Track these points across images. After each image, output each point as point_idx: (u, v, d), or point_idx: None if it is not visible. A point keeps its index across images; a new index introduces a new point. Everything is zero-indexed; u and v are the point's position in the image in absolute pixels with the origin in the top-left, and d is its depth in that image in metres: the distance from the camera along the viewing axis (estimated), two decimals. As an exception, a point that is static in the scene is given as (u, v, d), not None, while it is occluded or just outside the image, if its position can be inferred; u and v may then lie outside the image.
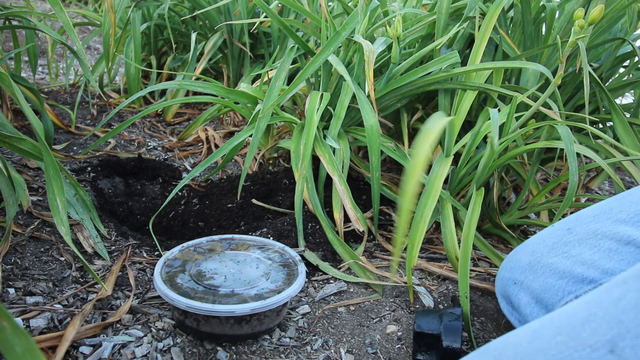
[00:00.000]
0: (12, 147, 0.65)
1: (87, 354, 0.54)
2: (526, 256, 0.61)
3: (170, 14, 1.48)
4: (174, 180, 1.01)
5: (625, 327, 0.30)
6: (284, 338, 0.62)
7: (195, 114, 1.42)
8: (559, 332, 0.33)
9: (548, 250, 0.59)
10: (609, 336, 0.30)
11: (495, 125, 0.70)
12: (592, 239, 0.56)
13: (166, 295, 0.56)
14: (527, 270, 0.59)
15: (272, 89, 0.85)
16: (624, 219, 0.55)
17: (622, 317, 0.31)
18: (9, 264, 0.65)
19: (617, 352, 0.29)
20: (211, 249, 0.66)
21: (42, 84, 1.49)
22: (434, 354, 0.60)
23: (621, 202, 0.57)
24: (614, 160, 0.84)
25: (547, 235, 0.61)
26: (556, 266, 0.56)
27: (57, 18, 1.00)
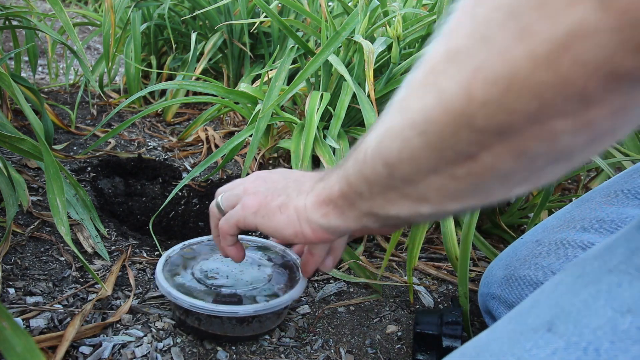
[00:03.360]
0: (12, 147, 0.65)
1: (87, 354, 0.54)
2: (501, 270, 0.63)
3: (170, 14, 1.48)
4: (174, 180, 1.01)
5: (561, 307, 0.32)
6: (284, 338, 0.62)
7: (195, 114, 1.42)
8: (510, 321, 0.36)
9: (520, 263, 0.61)
10: (548, 317, 0.33)
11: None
12: (559, 249, 0.59)
13: (169, 294, 0.55)
14: (503, 285, 0.62)
15: (272, 89, 0.85)
16: (586, 226, 0.58)
17: (560, 299, 0.33)
18: (9, 264, 0.65)
19: (553, 330, 0.31)
20: (212, 249, 0.66)
21: (42, 84, 1.49)
22: (434, 354, 0.60)
23: (582, 210, 0.60)
24: (614, 161, 0.84)
25: (518, 249, 0.64)
26: (530, 278, 0.59)
27: (57, 18, 1.00)
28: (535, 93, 0.23)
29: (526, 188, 0.30)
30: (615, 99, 0.23)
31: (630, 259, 0.31)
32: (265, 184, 0.51)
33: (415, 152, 0.30)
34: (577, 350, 0.30)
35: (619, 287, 0.30)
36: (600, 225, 0.58)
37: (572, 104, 0.23)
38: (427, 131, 0.29)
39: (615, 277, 0.31)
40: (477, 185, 0.30)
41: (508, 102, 0.24)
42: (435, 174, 0.30)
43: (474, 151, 0.28)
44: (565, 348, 0.30)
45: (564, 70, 0.22)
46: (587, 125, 0.24)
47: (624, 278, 0.31)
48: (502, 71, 0.24)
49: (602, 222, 0.58)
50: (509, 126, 0.25)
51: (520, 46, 0.23)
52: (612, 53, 0.21)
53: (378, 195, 0.36)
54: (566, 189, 1.16)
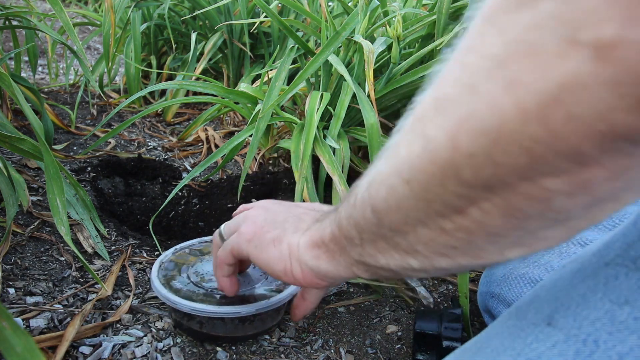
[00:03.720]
0: (12, 147, 0.65)
1: (87, 354, 0.54)
2: (500, 269, 0.63)
3: (170, 14, 1.48)
4: (174, 180, 1.01)
5: (561, 302, 0.33)
6: (284, 338, 0.62)
7: (195, 114, 1.42)
8: (510, 316, 0.36)
9: (519, 261, 0.61)
10: (548, 312, 0.33)
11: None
12: (558, 246, 0.58)
13: (167, 299, 0.55)
14: (502, 283, 0.62)
15: (272, 89, 0.85)
16: None
17: (559, 294, 0.33)
18: (9, 264, 0.65)
19: (553, 324, 0.32)
20: (205, 250, 0.66)
21: (42, 84, 1.49)
22: (434, 354, 0.60)
23: None
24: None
25: None
26: (528, 276, 0.59)
27: (57, 18, 1.00)
28: (524, 148, 0.22)
29: (521, 252, 0.28)
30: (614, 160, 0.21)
31: (627, 252, 0.31)
32: (266, 214, 0.50)
33: (401, 201, 0.29)
34: (576, 342, 0.30)
35: (616, 280, 0.31)
36: (599, 223, 0.58)
37: (565, 162, 0.22)
38: (412, 180, 0.28)
39: (612, 270, 0.31)
40: (467, 242, 0.28)
41: (496, 155, 0.23)
42: (423, 225, 0.29)
43: (461, 205, 0.26)
44: (565, 340, 0.31)
45: (556, 125, 0.21)
46: (583, 187, 0.23)
47: (620, 270, 0.31)
48: (489, 122, 0.22)
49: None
50: (497, 181, 0.24)
51: (509, 97, 0.21)
52: (609, 109, 0.19)
53: (368, 242, 0.35)
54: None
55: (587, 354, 0.30)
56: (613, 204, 0.25)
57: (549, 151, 0.22)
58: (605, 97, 0.19)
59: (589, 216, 0.25)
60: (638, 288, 0.30)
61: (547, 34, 0.20)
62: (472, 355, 0.36)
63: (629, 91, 0.19)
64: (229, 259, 0.51)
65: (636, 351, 0.28)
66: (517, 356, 0.32)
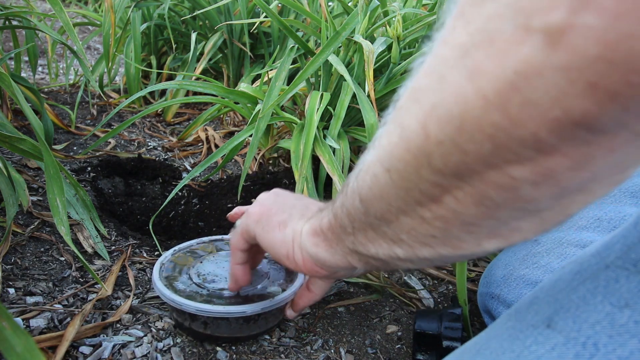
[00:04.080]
0: (12, 147, 0.65)
1: (87, 354, 0.54)
2: (500, 270, 0.64)
3: (170, 14, 1.48)
4: (174, 180, 1.01)
5: (560, 304, 0.33)
6: (284, 338, 0.62)
7: (195, 114, 1.42)
8: (510, 318, 0.36)
9: (519, 262, 0.62)
10: (548, 314, 0.33)
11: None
12: (558, 247, 0.59)
13: (172, 300, 0.55)
14: (502, 284, 0.62)
15: (272, 89, 0.85)
16: (584, 225, 0.58)
17: (558, 296, 0.33)
18: (9, 264, 0.65)
19: (552, 326, 0.32)
20: (204, 251, 0.66)
21: (42, 84, 1.49)
22: (434, 354, 0.60)
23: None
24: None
25: (517, 248, 0.64)
26: (528, 277, 0.59)
27: (57, 18, 1.00)
28: (487, 135, 0.22)
29: (497, 243, 0.29)
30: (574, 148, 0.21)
31: (627, 254, 0.31)
32: (276, 198, 0.51)
33: (383, 189, 0.30)
34: (576, 345, 0.30)
35: (616, 283, 0.31)
36: (599, 224, 0.58)
37: (526, 149, 0.22)
38: (391, 169, 0.29)
39: (612, 273, 0.31)
40: (445, 231, 0.29)
41: (462, 143, 0.23)
42: (405, 214, 0.30)
43: (436, 193, 0.27)
44: (564, 343, 0.31)
45: (514, 112, 0.21)
46: (547, 176, 0.23)
47: (621, 273, 0.31)
48: (454, 110, 0.23)
49: (600, 221, 0.58)
50: (465, 168, 0.24)
51: (472, 85, 0.22)
52: (562, 95, 0.20)
53: (359, 231, 0.36)
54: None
55: (587, 357, 0.29)
56: (583, 195, 0.25)
57: (510, 138, 0.22)
58: (558, 83, 0.19)
59: (560, 208, 0.25)
60: (638, 291, 0.30)
61: (505, 22, 0.20)
62: (472, 357, 0.36)
63: (579, 76, 0.19)
64: (240, 243, 0.51)
65: (636, 355, 0.28)
66: (516, 358, 0.32)
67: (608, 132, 0.20)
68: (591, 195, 0.25)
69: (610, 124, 0.20)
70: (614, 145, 0.21)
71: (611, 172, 0.24)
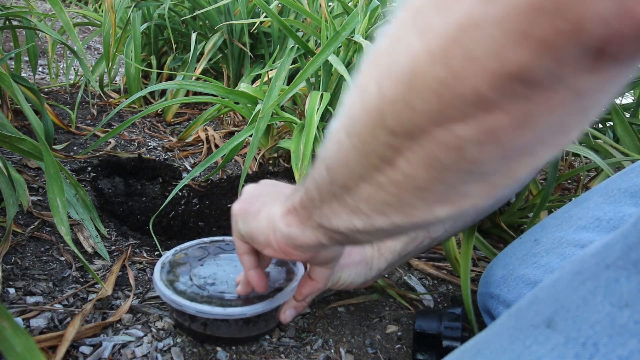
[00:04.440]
0: (12, 147, 0.65)
1: (87, 354, 0.54)
2: (500, 270, 0.64)
3: (170, 14, 1.48)
4: (174, 180, 1.01)
5: (560, 304, 0.33)
6: (284, 338, 0.62)
7: (195, 114, 1.42)
8: (510, 318, 0.36)
9: (519, 262, 0.62)
10: (548, 314, 0.33)
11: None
12: (557, 247, 0.59)
13: (173, 301, 0.55)
14: (501, 284, 0.62)
15: (272, 89, 0.85)
16: (584, 225, 0.59)
17: (558, 296, 0.34)
18: (9, 264, 0.65)
19: (552, 326, 0.32)
20: (204, 252, 0.66)
21: (42, 84, 1.50)
22: (434, 354, 0.60)
23: (580, 209, 0.61)
24: (613, 161, 0.84)
25: (517, 248, 0.65)
26: (528, 277, 0.60)
27: (57, 18, 1.00)
28: (434, 91, 0.23)
29: (448, 210, 0.29)
30: (513, 104, 0.22)
31: (628, 254, 0.31)
32: (254, 190, 0.51)
33: (345, 154, 0.31)
34: (576, 346, 0.30)
35: (616, 283, 0.31)
36: (598, 224, 0.58)
37: (468, 106, 0.22)
38: (351, 132, 0.29)
39: (612, 273, 0.31)
40: (398, 197, 0.29)
41: (412, 100, 0.24)
42: (364, 181, 0.30)
43: (390, 156, 0.27)
44: (564, 343, 0.31)
45: (457, 66, 0.21)
46: (490, 135, 0.23)
47: (621, 273, 0.31)
48: (406, 67, 0.24)
49: (600, 221, 0.58)
50: (415, 127, 0.25)
51: (421, 42, 0.23)
52: (499, 47, 0.20)
53: (324, 203, 0.36)
54: (566, 189, 1.16)
55: (587, 357, 0.29)
56: (529, 158, 0.25)
57: (453, 94, 0.22)
58: (494, 35, 0.20)
59: (507, 171, 0.26)
60: (639, 291, 0.30)
61: None
62: (472, 356, 0.36)
63: (512, 26, 0.19)
64: (240, 247, 0.51)
65: (636, 355, 0.28)
66: (516, 358, 0.32)
67: (544, 87, 0.21)
68: (536, 158, 0.25)
69: (545, 77, 0.20)
70: (552, 103, 0.22)
71: (554, 134, 0.24)
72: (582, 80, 0.21)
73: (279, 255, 0.45)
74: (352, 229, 0.35)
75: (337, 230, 0.36)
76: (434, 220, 0.30)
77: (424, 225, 0.31)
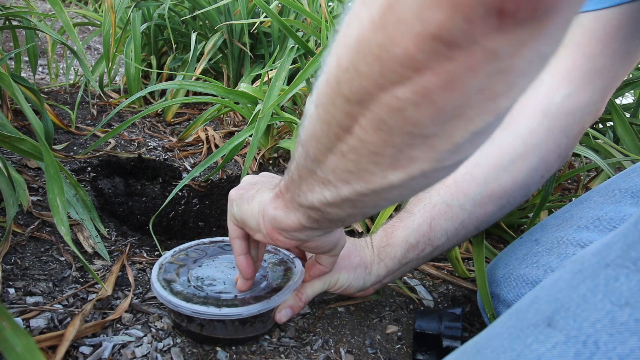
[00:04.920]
0: (12, 147, 0.65)
1: (87, 354, 0.54)
2: (500, 270, 0.64)
3: (170, 14, 1.48)
4: (174, 180, 1.01)
5: (561, 303, 0.33)
6: (284, 338, 0.62)
7: (195, 114, 1.42)
8: (510, 317, 0.36)
9: (519, 262, 0.62)
10: (548, 313, 0.33)
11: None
12: (558, 247, 0.59)
13: (169, 302, 0.55)
14: (502, 284, 0.63)
15: (272, 89, 0.85)
16: (584, 225, 0.59)
17: (559, 295, 0.34)
18: (9, 264, 0.65)
19: (553, 325, 0.32)
20: (203, 253, 0.65)
21: (42, 84, 1.50)
22: (434, 354, 0.60)
23: (580, 209, 0.61)
24: (614, 161, 0.84)
25: (517, 248, 0.65)
26: (528, 276, 0.60)
27: (57, 18, 1.00)
28: (375, 55, 0.25)
29: (400, 174, 0.31)
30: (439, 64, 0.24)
31: (627, 253, 0.31)
32: (252, 179, 0.55)
33: (315, 127, 0.34)
34: (576, 344, 0.30)
35: (616, 281, 0.31)
36: (599, 224, 0.58)
37: (403, 68, 0.25)
38: (318, 104, 0.32)
39: (612, 271, 0.32)
40: (357, 163, 0.32)
41: (359, 66, 0.27)
42: (330, 151, 0.33)
43: (348, 123, 0.30)
44: (565, 342, 0.31)
45: (391, 30, 0.24)
46: (424, 95, 0.26)
47: (621, 272, 0.31)
48: (355, 36, 0.27)
49: (601, 221, 0.58)
50: (364, 92, 0.27)
51: (366, 11, 0.26)
52: (421, 9, 0.23)
53: (303, 180, 0.39)
54: (566, 189, 1.16)
55: (587, 356, 0.30)
56: (462, 121, 0.27)
57: (390, 57, 0.25)
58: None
59: (445, 134, 0.28)
60: (639, 290, 0.30)
61: None
62: (472, 356, 0.36)
63: None
64: (232, 230, 0.54)
65: (637, 353, 0.28)
66: (516, 357, 0.32)
67: (462, 47, 0.23)
68: (470, 122, 0.27)
69: (460, 36, 0.23)
70: (472, 64, 0.24)
71: (481, 98, 0.26)
72: (492, 40, 0.23)
73: (267, 240, 0.48)
74: (324, 202, 0.38)
75: (312, 206, 0.39)
76: (388, 186, 0.33)
77: (381, 191, 0.33)
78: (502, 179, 0.58)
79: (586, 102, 0.58)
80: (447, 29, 0.22)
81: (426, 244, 0.61)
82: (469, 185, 0.59)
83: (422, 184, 0.33)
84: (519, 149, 0.58)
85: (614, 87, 0.60)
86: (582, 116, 0.59)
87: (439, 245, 0.61)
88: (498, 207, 0.60)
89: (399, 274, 0.64)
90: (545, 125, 0.58)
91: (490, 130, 0.29)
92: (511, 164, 0.58)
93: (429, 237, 0.60)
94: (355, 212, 0.38)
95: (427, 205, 0.61)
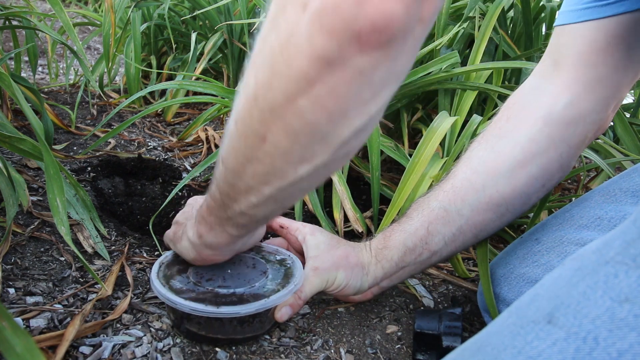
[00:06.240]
0: (12, 147, 0.65)
1: (87, 354, 0.54)
2: (500, 269, 0.64)
3: (170, 14, 1.48)
4: (174, 180, 1.01)
5: (561, 300, 0.33)
6: (284, 338, 0.62)
7: (195, 114, 1.42)
8: (510, 315, 0.37)
9: (519, 261, 0.62)
10: (548, 310, 0.34)
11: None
12: (558, 246, 0.60)
13: (168, 299, 0.55)
14: (502, 283, 0.63)
15: (272, 89, 0.85)
16: (584, 224, 0.59)
17: (559, 292, 0.34)
18: (9, 264, 0.65)
19: (553, 322, 0.33)
20: None
21: (42, 84, 1.50)
22: (434, 354, 0.60)
23: (581, 208, 0.61)
24: (614, 160, 0.84)
25: (517, 247, 0.65)
26: (528, 275, 0.60)
27: (57, 18, 1.00)
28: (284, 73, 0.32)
29: (308, 167, 0.37)
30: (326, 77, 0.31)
31: (627, 250, 0.32)
32: (181, 216, 0.62)
33: (234, 142, 0.39)
34: (576, 340, 0.31)
35: (616, 278, 0.31)
36: (599, 223, 0.58)
37: (302, 82, 0.31)
38: (238, 120, 0.37)
39: (612, 268, 0.32)
40: (273, 165, 0.37)
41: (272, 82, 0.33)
42: (249, 162, 0.38)
43: (263, 132, 0.35)
44: (565, 338, 0.31)
45: (292, 51, 0.31)
46: (318, 102, 0.32)
47: (620, 268, 0.31)
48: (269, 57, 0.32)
49: (601, 220, 0.58)
50: (275, 103, 0.33)
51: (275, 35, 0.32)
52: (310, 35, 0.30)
53: (224, 195, 0.43)
54: (566, 189, 1.16)
55: (587, 352, 0.30)
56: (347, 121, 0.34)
57: (292, 73, 0.32)
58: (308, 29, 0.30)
59: (336, 131, 0.34)
60: (638, 286, 0.30)
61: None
62: (473, 354, 0.36)
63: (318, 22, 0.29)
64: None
65: (636, 348, 0.28)
66: (517, 354, 0.32)
67: (338, 64, 0.30)
68: (352, 121, 0.34)
69: (337, 56, 0.30)
70: (346, 77, 0.31)
71: (357, 103, 0.33)
72: (357, 59, 0.30)
73: (203, 263, 0.58)
74: (251, 206, 0.42)
75: (240, 212, 0.44)
76: (300, 178, 0.38)
77: (295, 183, 0.38)
78: (500, 186, 0.58)
79: (588, 111, 0.58)
80: (328, 51, 0.29)
81: (423, 247, 0.61)
82: (467, 191, 0.59)
83: (325, 173, 0.39)
84: (517, 156, 0.58)
85: (618, 98, 0.59)
86: (584, 125, 0.58)
87: (436, 250, 0.61)
88: (497, 214, 0.60)
89: (396, 278, 0.64)
90: (546, 133, 0.58)
91: (368, 129, 0.36)
92: (510, 171, 0.58)
93: (426, 242, 0.60)
94: (276, 206, 0.43)
95: (425, 210, 0.61)
